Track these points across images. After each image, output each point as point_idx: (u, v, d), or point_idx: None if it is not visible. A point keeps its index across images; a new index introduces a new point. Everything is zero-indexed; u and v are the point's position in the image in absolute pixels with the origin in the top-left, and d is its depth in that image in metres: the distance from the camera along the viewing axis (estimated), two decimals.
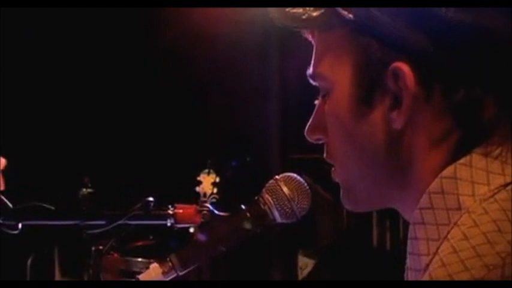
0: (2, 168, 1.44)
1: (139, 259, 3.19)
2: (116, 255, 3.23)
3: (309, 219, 1.27)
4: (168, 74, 4.76)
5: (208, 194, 4.03)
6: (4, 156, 1.48)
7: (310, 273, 4.96)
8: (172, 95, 4.78)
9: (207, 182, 4.05)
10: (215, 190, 4.03)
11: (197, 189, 4.02)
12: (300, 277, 4.99)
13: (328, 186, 4.08)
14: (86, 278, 3.62)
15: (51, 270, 4.96)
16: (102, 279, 1.33)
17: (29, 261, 4.55)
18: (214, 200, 4.03)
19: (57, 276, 4.99)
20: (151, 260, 3.22)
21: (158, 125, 4.82)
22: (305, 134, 1.05)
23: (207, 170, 4.08)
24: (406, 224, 1.01)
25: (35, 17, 4.22)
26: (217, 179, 4.04)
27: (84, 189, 4.28)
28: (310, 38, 1.03)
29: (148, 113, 4.80)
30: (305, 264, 4.99)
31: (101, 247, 3.20)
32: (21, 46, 4.43)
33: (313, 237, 4.82)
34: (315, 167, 2.36)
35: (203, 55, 4.59)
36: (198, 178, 4.04)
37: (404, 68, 0.92)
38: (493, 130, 0.92)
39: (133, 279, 1.24)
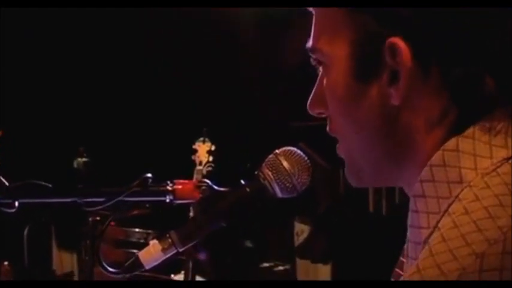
0: None
1: (137, 229, 3.19)
2: (113, 225, 3.22)
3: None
4: (165, 46, 4.74)
5: (203, 162, 4.01)
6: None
7: (306, 239, 4.97)
8: (167, 63, 4.77)
9: (202, 151, 4.03)
10: (210, 158, 4.01)
11: (193, 157, 4.01)
12: (296, 243, 5.00)
13: (325, 153, 4.07)
14: (82, 248, 3.63)
15: (48, 240, 4.97)
16: (99, 249, 1.31)
17: (25, 231, 4.55)
18: (210, 168, 4.02)
19: (54, 246, 4.99)
20: (149, 231, 3.23)
21: (153, 94, 4.80)
22: (307, 107, 1.04)
23: (202, 139, 4.05)
24: (402, 190, 1.00)
25: None
26: (213, 147, 4.02)
27: (79, 159, 4.29)
28: (311, 10, 1.02)
29: (141, 81, 4.79)
30: (301, 230, 5.00)
31: (97, 218, 3.21)
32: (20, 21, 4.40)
33: (310, 204, 4.82)
34: (312, 134, 2.35)
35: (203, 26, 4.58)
36: (194, 147, 4.02)
37: (400, 43, 0.90)
38: (494, 105, 0.90)
39: (133, 251, 1.22)
